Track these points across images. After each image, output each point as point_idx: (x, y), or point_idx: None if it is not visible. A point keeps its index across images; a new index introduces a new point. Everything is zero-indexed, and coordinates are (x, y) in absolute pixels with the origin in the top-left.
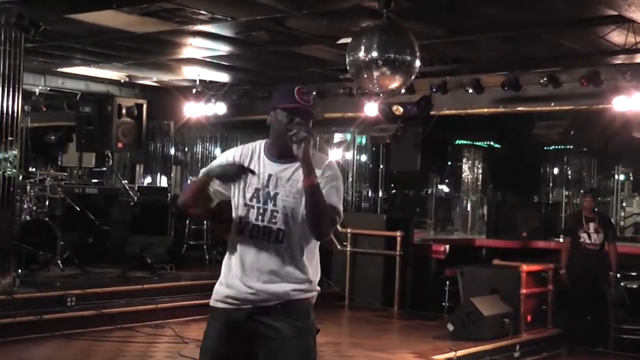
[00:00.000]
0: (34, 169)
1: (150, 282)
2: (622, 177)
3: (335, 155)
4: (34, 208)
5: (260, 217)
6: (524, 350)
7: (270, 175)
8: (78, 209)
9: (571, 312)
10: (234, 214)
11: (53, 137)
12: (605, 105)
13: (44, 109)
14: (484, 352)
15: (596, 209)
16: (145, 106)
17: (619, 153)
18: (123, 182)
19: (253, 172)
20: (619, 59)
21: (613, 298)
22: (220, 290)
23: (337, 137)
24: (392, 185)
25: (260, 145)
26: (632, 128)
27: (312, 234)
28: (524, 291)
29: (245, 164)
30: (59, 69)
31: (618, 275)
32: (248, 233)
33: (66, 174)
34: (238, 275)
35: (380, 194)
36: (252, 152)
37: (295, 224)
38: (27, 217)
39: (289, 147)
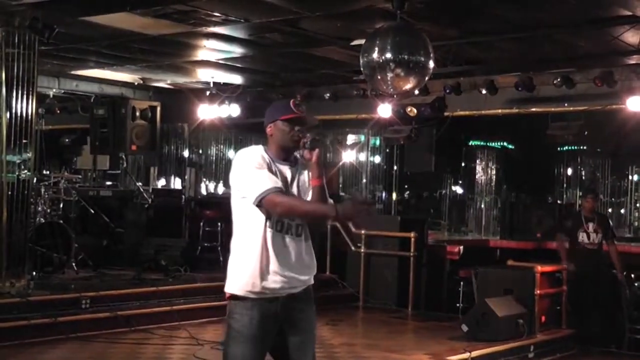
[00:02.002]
0: (48, 172)
1: (164, 284)
2: (636, 177)
3: (349, 156)
4: (48, 210)
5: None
6: (538, 351)
7: (286, 178)
8: (92, 212)
9: (580, 313)
10: (258, 211)
11: (67, 140)
12: (619, 105)
13: (58, 112)
14: (498, 353)
15: (598, 210)
16: (159, 108)
17: (632, 153)
18: (137, 184)
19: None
20: (633, 59)
21: (627, 298)
22: (253, 282)
23: (351, 138)
24: (406, 186)
25: (263, 152)
26: None
27: (314, 227)
28: (538, 292)
29: (272, 171)
30: (73, 72)
31: (624, 273)
32: (276, 228)
33: (80, 176)
34: (273, 267)
35: (395, 195)
36: (264, 159)
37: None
38: (42, 219)
39: (292, 153)
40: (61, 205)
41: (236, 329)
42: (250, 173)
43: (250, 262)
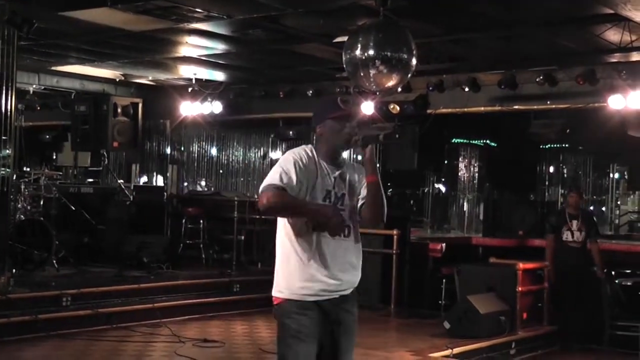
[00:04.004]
0: (28, 169)
1: (146, 282)
2: (617, 175)
3: None
4: (29, 208)
5: None
6: (520, 347)
7: (335, 179)
8: (73, 209)
9: (563, 310)
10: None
11: (48, 137)
12: (601, 103)
13: (39, 108)
14: (480, 350)
15: (583, 207)
16: (141, 105)
17: (614, 151)
18: (119, 181)
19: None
20: (615, 58)
21: (608, 295)
22: (308, 285)
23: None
24: (389, 184)
25: (309, 152)
26: (628, 127)
27: (372, 223)
28: (520, 289)
29: (311, 172)
30: (54, 68)
31: (605, 270)
32: (324, 232)
33: (61, 173)
34: (326, 269)
35: None
36: (308, 159)
37: (355, 221)
38: (22, 216)
39: (342, 152)
40: (42, 202)
41: (295, 328)
42: (276, 170)
43: (304, 266)
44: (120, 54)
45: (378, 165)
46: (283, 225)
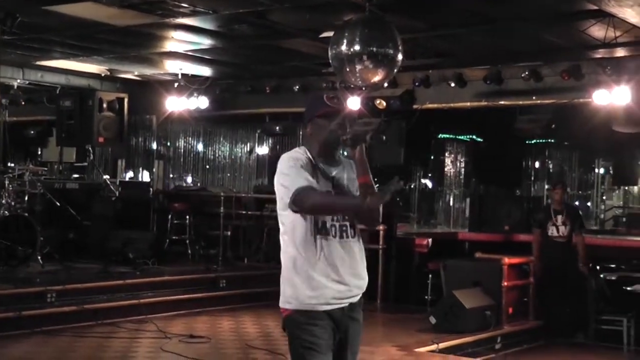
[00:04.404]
0: (12, 164)
1: (132, 277)
2: (602, 170)
3: None
4: (13, 203)
5: (335, 218)
6: (506, 342)
7: (334, 178)
8: (58, 204)
9: (548, 304)
10: (308, 218)
11: (32, 132)
12: (586, 99)
13: (23, 103)
14: (465, 345)
15: (567, 201)
16: (126, 100)
17: (599, 147)
18: (104, 177)
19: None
20: (600, 53)
21: (593, 289)
22: (317, 294)
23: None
24: (375, 179)
25: (304, 153)
26: (613, 122)
27: (367, 226)
28: (506, 284)
29: (310, 173)
30: (38, 62)
31: (590, 265)
32: (329, 233)
33: (46, 169)
34: (335, 274)
35: None
36: (306, 160)
37: (356, 220)
38: (6, 212)
39: (335, 149)
40: (26, 198)
41: (309, 340)
42: (287, 174)
43: (312, 273)
44: (105, 49)
45: None
46: (286, 231)
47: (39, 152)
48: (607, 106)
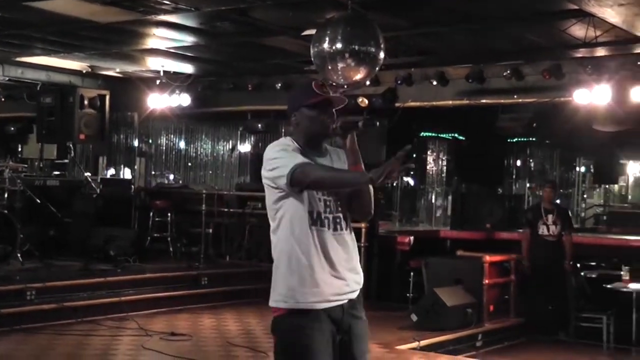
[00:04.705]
0: None
1: (113, 275)
2: (583, 169)
3: None
4: None
5: (329, 209)
6: (487, 339)
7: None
8: (39, 202)
9: (531, 302)
10: (302, 209)
11: (13, 128)
12: (567, 98)
13: (3, 100)
14: (447, 342)
15: (557, 201)
16: (108, 97)
17: (580, 145)
18: (86, 174)
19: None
20: (580, 53)
21: (573, 287)
22: (316, 290)
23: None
24: None
25: (290, 143)
26: (593, 121)
27: (360, 217)
28: (487, 281)
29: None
30: (19, 59)
31: (572, 263)
32: (324, 224)
33: (26, 165)
34: (332, 269)
35: None
36: (293, 150)
37: (347, 212)
38: None
39: (322, 141)
40: (6, 195)
41: (306, 345)
42: (279, 157)
43: (306, 269)
44: (86, 46)
45: None
46: (278, 225)
47: (19, 149)
48: (588, 105)
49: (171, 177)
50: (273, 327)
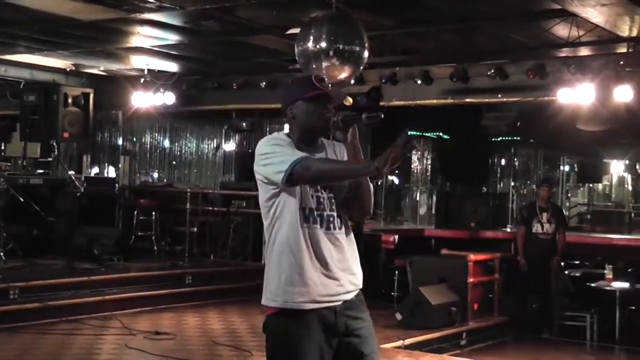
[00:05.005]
0: None
1: (97, 274)
2: (567, 168)
3: None
4: None
5: (321, 206)
6: (471, 338)
7: None
8: (22, 200)
9: (521, 300)
10: (294, 206)
11: None
12: (550, 97)
13: None
14: (431, 341)
15: (550, 200)
16: (92, 95)
17: (564, 144)
18: (69, 172)
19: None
20: (564, 52)
21: (559, 286)
22: (304, 290)
23: (288, 127)
24: None
25: (283, 137)
26: (577, 120)
27: (358, 215)
28: (471, 280)
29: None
30: (2, 57)
31: (560, 261)
32: (316, 222)
33: (9, 164)
34: (323, 269)
35: None
36: (286, 145)
37: (343, 210)
38: None
39: (318, 136)
40: None
41: (291, 347)
42: (274, 152)
43: (296, 267)
44: (70, 44)
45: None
46: (271, 223)
47: (2, 148)
48: (572, 104)
49: (155, 175)
50: (264, 326)
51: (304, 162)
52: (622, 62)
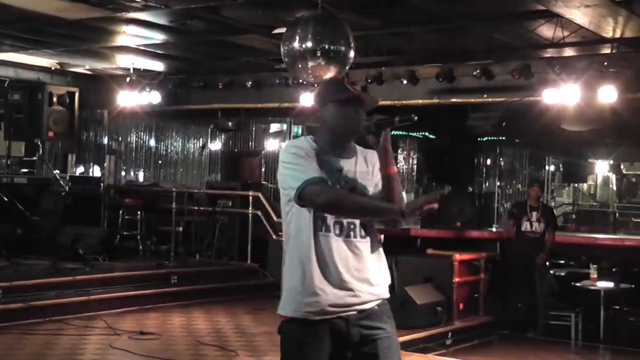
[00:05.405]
0: None
1: (81, 274)
2: (552, 167)
3: (271, 145)
4: None
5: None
6: (456, 337)
7: (340, 172)
8: (6, 199)
9: (507, 299)
10: (307, 214)
11: None
12: (535, 97)
13: None
14: (416, 340)
15: (541, 199)
16: (77, 94)
17: (549, 144)
18: (54, 171)
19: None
20: (549, 53)
21: (543, 284)
22: (313, 299)
23: (274, 127)
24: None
25: (310, 143)
26: (562, 120)
27: (389, 226)
28: (457, 280)
29: (319, 161)
30: None
31: (546, 259)
32: (330, 230)
33: None
34: (334, 279)
35: None
36: (309, 152)
37: (373, 220)
38: None
39: (349, 140)
40: None
41: (300, 356)
42: (293, 163)
43: (305, 275)
44: (55, 43)
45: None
46: (287, 225)
47: None
48: (557, 105)
49: (141, 175)
50: (278, 330)
51: (315, 186)
52: (606, 63)
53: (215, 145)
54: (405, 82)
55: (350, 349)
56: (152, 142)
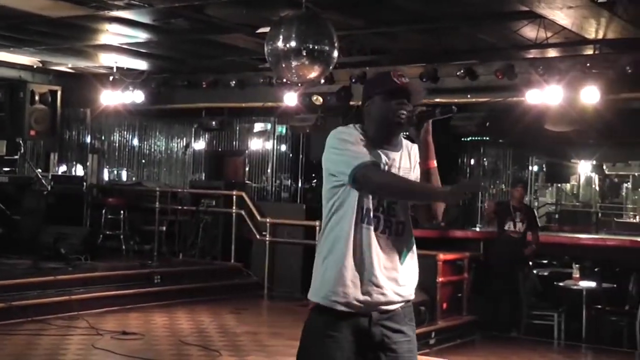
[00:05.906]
0: None
1: (63, 273)
2: (536, 168)
3: (255, 144)
4: None
5: (380, 209)
6: (440, 337)
7: (386, 165)
8: None
9: (491, 298)
10: (352, 203)
11: None
12: (519, 97)
13: None
14: None
15: (524, 200)
16: (59, 93)
17: (532, 144)
18: (36, 170)
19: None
20: (532, 54)
21: (526, 284)
22: (341, 290)
23: (258, 126)
24: (313, 175)
25: (358, 132)
26: (545, 121)
27: (428, 221)
28: (440, 279)
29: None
30: None
31: (533, 251)
32: (371, 224)
33: None
34: (366, 273)
35: (300, 183)
36: (357, 139)
37: (408, 216)
38: None
39: (394, 134)
40: None
41: (319, 349)
42: (342, 148)
43: (339, 265)
44: (37, 40)
45: (301, 156)
46: (328, 211)
47: None
48: (540, 105)
49: (124, 174)
50: (306, 319)
51: (366, 170)
52: (588, 64)
53: (199, 145)
54: None
55: (370, 349)
56: (136, 141)
